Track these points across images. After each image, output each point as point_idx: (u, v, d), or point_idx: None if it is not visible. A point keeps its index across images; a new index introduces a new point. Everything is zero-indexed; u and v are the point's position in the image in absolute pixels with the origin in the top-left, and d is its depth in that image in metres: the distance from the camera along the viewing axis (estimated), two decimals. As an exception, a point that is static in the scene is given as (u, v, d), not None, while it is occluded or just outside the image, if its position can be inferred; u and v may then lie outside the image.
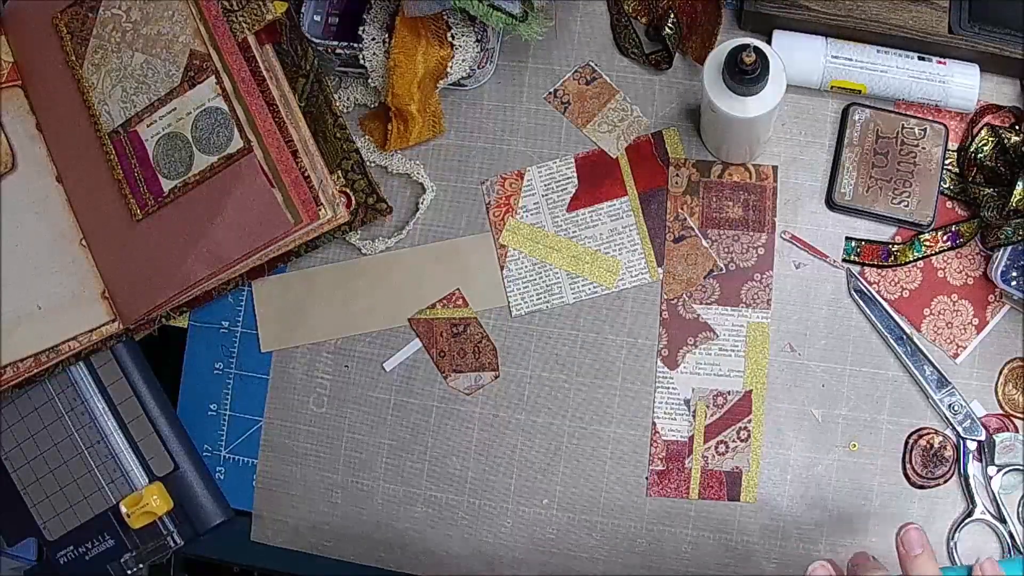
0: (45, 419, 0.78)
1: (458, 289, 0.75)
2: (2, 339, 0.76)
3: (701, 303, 0.73)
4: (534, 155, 0.76)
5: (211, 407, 0.78)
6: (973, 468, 0.69)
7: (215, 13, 0.73)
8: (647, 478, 0.72)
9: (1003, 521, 0.68)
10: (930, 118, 0.72)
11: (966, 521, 0.69)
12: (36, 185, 0.77)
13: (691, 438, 0.72)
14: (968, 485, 0.69)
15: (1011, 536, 0.68)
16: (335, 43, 0.73)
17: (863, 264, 0.72)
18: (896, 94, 0.71)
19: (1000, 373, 0.70)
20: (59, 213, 0.77)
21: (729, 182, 0.74)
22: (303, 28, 0.73)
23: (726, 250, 0.73)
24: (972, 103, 0.71)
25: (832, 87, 0.72)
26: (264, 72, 0.73)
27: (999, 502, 0.68)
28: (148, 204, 0.74)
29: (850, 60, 0.71)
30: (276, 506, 0.77)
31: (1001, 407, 0.70)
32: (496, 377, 0.72)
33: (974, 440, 0.69)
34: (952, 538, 0.69)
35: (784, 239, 0.73)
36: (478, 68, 0.74)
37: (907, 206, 0.71)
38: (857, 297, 0.71)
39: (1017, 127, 0.70)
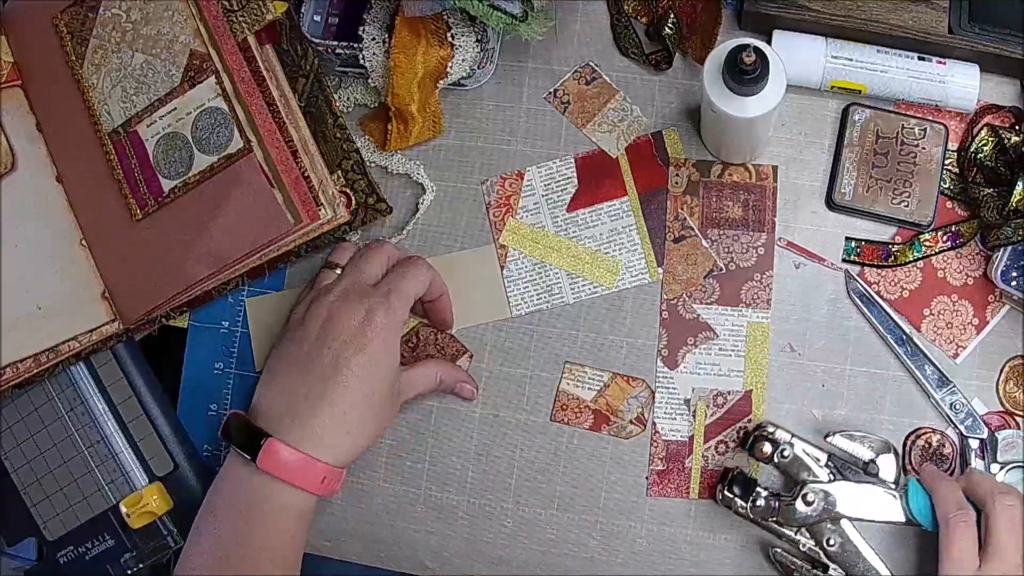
0: (45, 419, 0.78)
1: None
2: (2, 339, 0.76)
3: (701, 303, 0.73)
4: (534, 155, 0.76)
5: (211, 407, 0.78)
6: (976, 467, 0.69)
7: (215, 13, 0.73)
8: (647, 478, 0.72)
9: None
10: (930, 118, 0.72)
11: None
12: (36, 185, 0.77)
13: (691, 438, 0.72)
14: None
15: None
16: (335, 43, 0.73)
17: (863, 264, 0.72)
18: (896, 94, 0.71)
19: (1001, 372, 0.70)
20: (59, 213, 0.77)
21: (729, 182, 0.74)
22: (303, 28, 0.73)
23: (726, 250, 0.73)
24: (972, 103, 0.71)
25: (832, 87, 0.72)
26: (264, 72, 0.73)
27: None
28: (148, 204, 0.74)
29: (850, 60, 0.71)
30: (276, 506, 0.77)
31: (1002, 405, 0.70)
32: (470, 358, 0.74)
33: (976, 439, 0.69)
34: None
35: (780, 246, 0.73)
36: (478, 68, 0.74)
37: (907, 206, 0.71)
38: (856, 298, 0.71)
39: (1017, 127, 0.70)
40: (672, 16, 0.73)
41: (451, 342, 0.75)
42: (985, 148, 0.70)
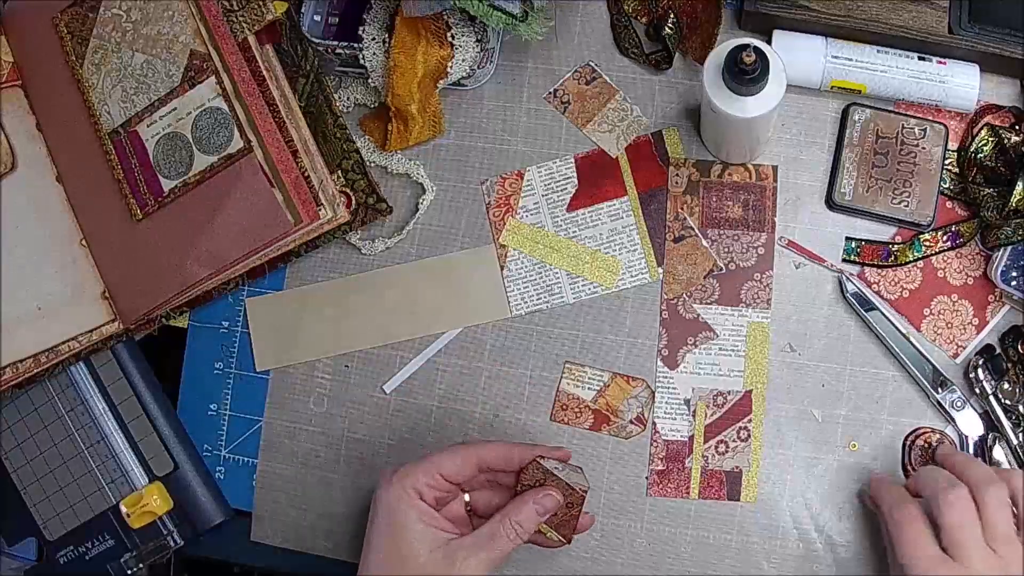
0: (45, 419, 0.78)
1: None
2: (2, 339, 0.76)
3: (701, 303, 0.73)
4: (534, 155, 0.76)
5: (211, 407, 0.78)
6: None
7: (215, 13, 0.73)
8: (647, 478, 0.72)
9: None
10: (930, 118, 0.72)
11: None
12: (36, 185, 0.77)
13: (691, 438, 0.72)
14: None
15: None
16: (335, 43, 0.73)
17: (863, 264, 0.72)
18: (896, 94, 0.71)
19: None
20: (59, 213, 0.77)
21: (729, 182, 0.74)
22: (303, 28, 0.73)
23: (726, 250, 0.73)
24: (972, 103, 0.71)
25: (832, 87, 0.72)
26: (264, 72, 0.73)
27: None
28: (148, 204, 0.74)
29: (850, 60, 0.71)
30: (276, 506, 0.77)
31: (1000, 403, 0.70)
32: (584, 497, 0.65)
33: (975, 437, 0.69)
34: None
35: (781, 246, 0.73)
36: (478, 68, 0.74)
37: (907, 206, 0.71)
38: (853, 299, 0.71)
39: (1017, 127, 0.70)
40: (672, 16, 0.73)
41: (561, 485, 0.64)
42: (985, 148, 0.70)
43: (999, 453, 0.68)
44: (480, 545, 0.61)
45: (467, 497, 0.66)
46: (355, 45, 0.72)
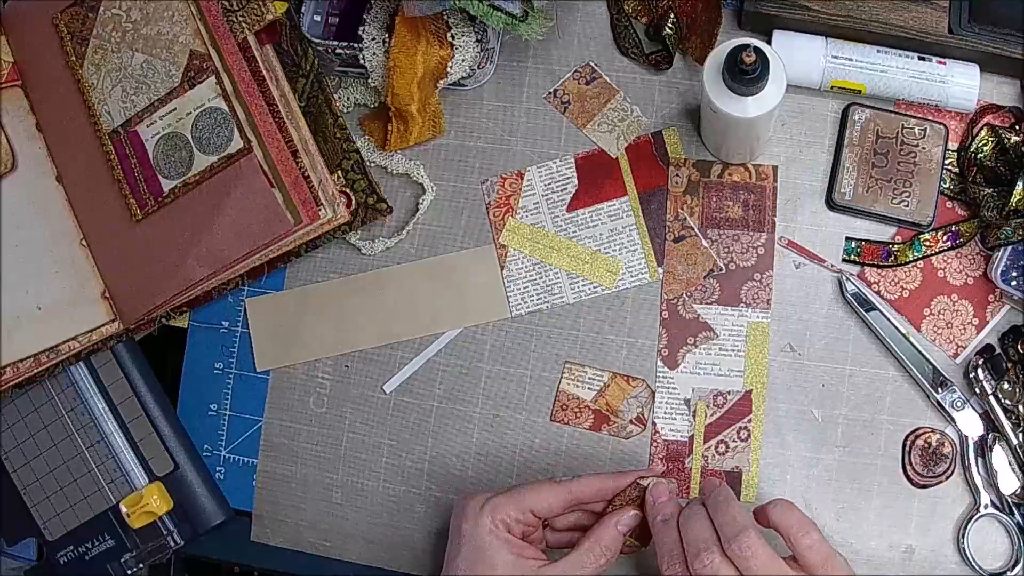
0: (45, 419, 0.78)
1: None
2: (2, 339, 0.76)
3: (701, 303, 0.73)
4: (534, 155, 0.76)
5: (211, 407, 0.78)
6: (976, 464, 0.69)
7: (215, 13, 0.73)
8: (647, 478, 0.72)
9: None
10: (930, 118, 0.72)
11: (974, 517, 0.69)
12: (36, 185, 0.77)
13: (691, 438, 0.72)
14: (972, 481, 0.69)
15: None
16: (335, 43, 0.73)
17: (863, 264, 0.72)
18: (896, 94, 0.71)
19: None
20: (59, 213, 0.77)
21: (729, 182, 0.74)
22: (303, 28, 0.73)
23: (726, 250, 0.73)
24: (972, 103, 0.71)
25: (832, 87, 0.72)
26: (264, 72, 0.73)
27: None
28: (148, 204, 0.74)
29: (850, 60, 0.71)
30: (276, 506, 0.77)
31: (1000, 403, 0.70)
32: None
33: (975, 437, 0.69)
34: (962, 536, 0.69)
35: (781, 246, 0.73)
36: (478, 68, 0.74)
37: (907, 206, 0.71)
38: (853, 299, 0.71)
39: (1017, 127, 0.70)
40: (672, 16, 0.73)
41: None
42: (985, 148, 0.70)
43: (999, 453, 0.68)
44: (569, 572, 0.61)
45: None
46: (355, 45, 0.72)
